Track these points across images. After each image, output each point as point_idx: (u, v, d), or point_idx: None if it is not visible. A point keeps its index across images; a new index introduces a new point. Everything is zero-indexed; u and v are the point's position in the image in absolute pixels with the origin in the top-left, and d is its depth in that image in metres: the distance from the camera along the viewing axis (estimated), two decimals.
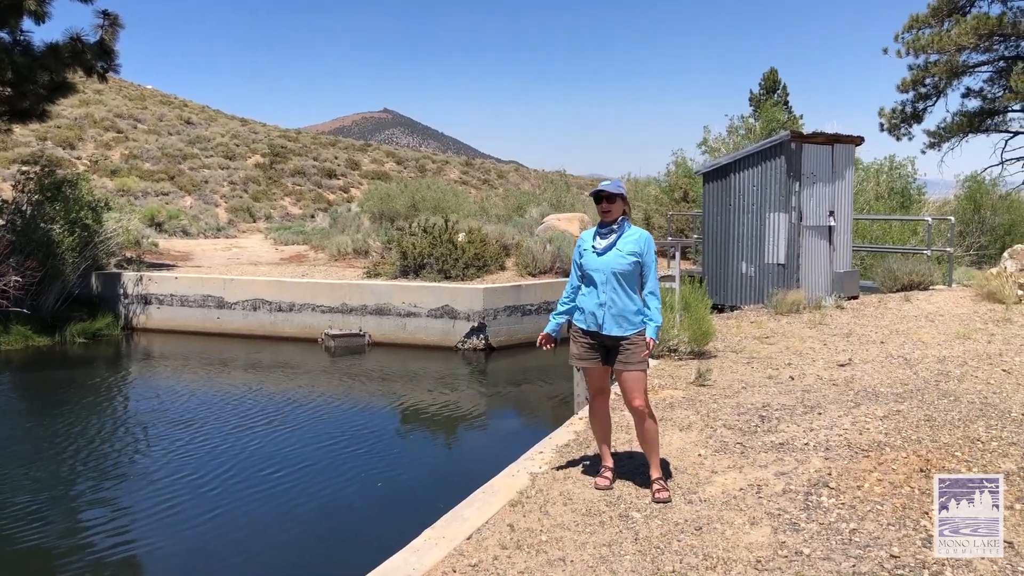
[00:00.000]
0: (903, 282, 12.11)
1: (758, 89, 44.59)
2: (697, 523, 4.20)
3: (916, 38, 29.61)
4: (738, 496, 4.51)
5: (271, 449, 8.94)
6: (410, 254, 15.17)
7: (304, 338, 14.80)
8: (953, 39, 28.07)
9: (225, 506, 7.33)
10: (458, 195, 27.19)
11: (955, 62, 29.13)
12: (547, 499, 4.60)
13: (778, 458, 5.03)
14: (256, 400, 11.14)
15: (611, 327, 4.57)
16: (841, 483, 4.56)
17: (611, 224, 4.63)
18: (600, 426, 4.88)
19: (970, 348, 7.75)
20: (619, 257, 4.55)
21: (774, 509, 4.30)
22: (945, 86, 30.61)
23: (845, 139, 10.98)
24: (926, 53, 29.57)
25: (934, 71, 29.82)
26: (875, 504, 4.26)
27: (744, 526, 4.13)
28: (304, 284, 15.07)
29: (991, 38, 28.42)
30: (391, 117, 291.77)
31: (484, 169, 71.59)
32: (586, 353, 4.73)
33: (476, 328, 13.93)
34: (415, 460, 8.77)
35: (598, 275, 4.58)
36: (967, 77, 30.17)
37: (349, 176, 51.62)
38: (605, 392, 4.85)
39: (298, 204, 42.20)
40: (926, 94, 31.48)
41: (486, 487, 4.80)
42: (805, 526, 4.07)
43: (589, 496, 4.63)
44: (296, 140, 55.95)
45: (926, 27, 29.87)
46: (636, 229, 4.71)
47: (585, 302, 4.69)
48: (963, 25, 28.01)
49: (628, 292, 4.57)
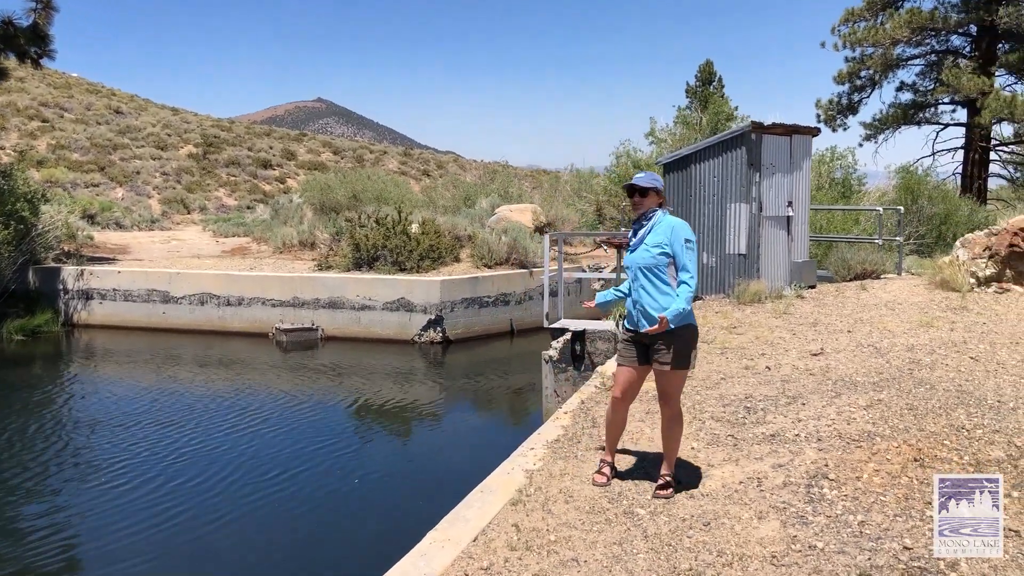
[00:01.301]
0: (856, 271, 12.33)
1: (695, 81, 45.18)
2: (704, 518, 4.14)
3: (852, 31, 30.23)
4: (739, 490, 4.48)
5: (224, 449, 8.68)
6: (363, 246, 14.90)
7: (254, 333, 14.45)
8: (888, 33, 28.73)
9: (177, 512, 7.06)
10: (399, 186, 26.89)
11: (889, 55, 29.81)
12: (548, 497, 4.50)
13: (772, 450, 5.01)
14: (206, 398, 10.82)
15: (644, 324, 4.44)
16: (840, 474, 4.55)
17: (640, 219, 4.52)
18: (615, 428, 4.74)
19: (935, 336, 7.89)
20: (644, 251, 4.44)
21: (778, 502, 4.27)
22: (880, 79, 31.33)
23: (803, 130, 11.09)
24: (862, 46, 30.21)
25: (869, 64, 30.49)
26: (878, 495, 4.26)
27: (752, 520, 4.09)
28: (254, 277, 14.69)
29: (923, 32, 29.17)
30: (325, 106, 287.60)
31: (423, 159, 71.08)
32: (626, 351, 4.59)
33: (433, 321, 13.76)
34: (381, 457, 8.60)
35: (631, 271, 4.49)
36: (901, 70, 30.94)
37: (285, 167, 50.69)
38: (630, 395, 4.68)
39: (233, 195, 41.28)
40: (861, 86, 32.18)
41: (483, 486, 4.67)
42: (813, 519, 4.05)
43: (589, 493, 4.54)
44: (230, 130, 54.72)
45: (861, 20, 30.49)
46: (667, 219, 4.51)
47: (627, 301, 4.61)
48: (897, 19, 28.70)
49: (657, 287, 4.41)
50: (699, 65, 45.75)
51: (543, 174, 46.50)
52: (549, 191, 26.25)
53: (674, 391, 4.58)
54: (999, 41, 28.62)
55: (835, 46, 30.57)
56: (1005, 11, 27.13)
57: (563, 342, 8.97)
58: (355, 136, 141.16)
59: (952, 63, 28.84)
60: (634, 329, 4.53)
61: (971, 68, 27.53)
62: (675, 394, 4.59)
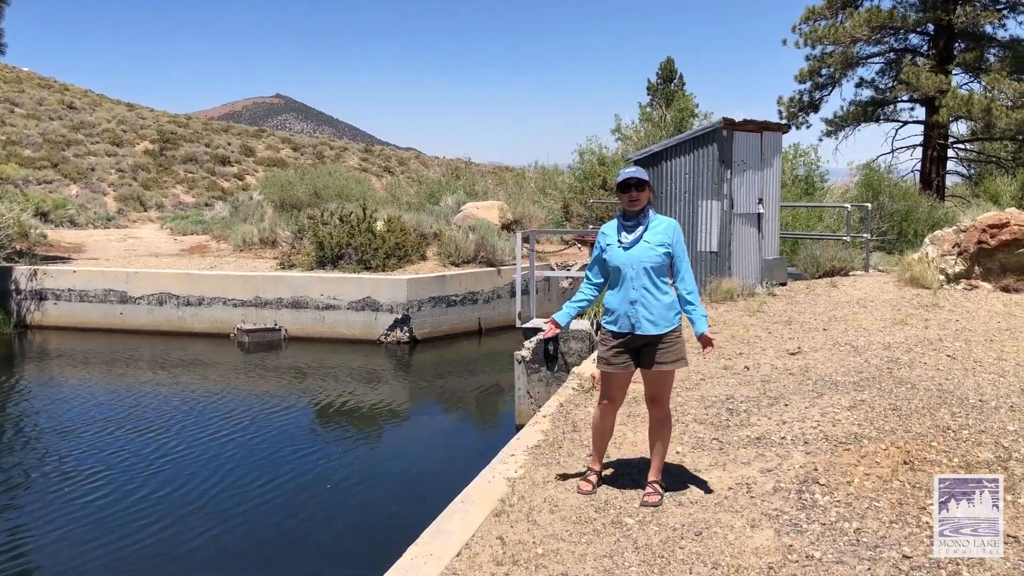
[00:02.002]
0: (825, 268, 12.34)
1: (656, 78, 45.40)
2: (695, 528, 4.00)
3: (813, 29, 30.43)
4: (729, 496, 4.34)
5: (185, 455, 8.40)
6: (327, 244, 14.59)
7: (215, 333, 14.08)
8: (848, 31, 28.96)
9: (136, 523, 6.78)
10: (361, 183, 26.55)
11: (850, 53, 30.08)
12: (532, 507, 4.32)
13: (759, 454, 4.89)
14: (166, 401, 10.50)
15: (646, 326, 4.25)
16: (830, 479, 4.44)
17: (636, 215, 4.33)
18: (602, 434, 4.57)
19: (911, 334, 7.86)
20: (648, 250, 4.24)
21: (770, 509, 4.14)
22: (840, 76, 31.61)
23: (773, 127, 11.05)
24: (822, 44, 30.43)
25: (830, 62, 30.75)
26: (871, 500, 4.16)
27: (745, 529, 3.95)
28: (214, 277, 14.32)
29: (882, 31, 29.49)
30: (284, 102, 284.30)
31: (385, 156, 70.56)
32: (614, 357, 4.36)
33: (400, 320, 13.51)
34: (351, 462, 8.35)
35: (627, 271, 4.25)
36: (860, 68, 31.24)
37: (244, 163, 49.94)
38: (618, 401, 4.52)
39: (191, 192, 40.54)
40: (822, 84, 32.43)
41: (464, 496, 4.48)
42: (807, 527, 3.92)
43: (575, 502, 4.38)
44: (187, 126, 53.74)
45: (822, 19, 30.71)
46: (662, 218, 4.38)
47: (613, 302, 4.35)
48: (857, 18, 28.96)
49: (661, 287, 4.26)
50: (660, 63, 46.05)
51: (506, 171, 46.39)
52: (514, 188, 26.09)
53: (668, 392, 4.44)
54: (956, 40, 29.02)
55: (796, 44, 30.75)
56: (962, 11, 27.54)
57: (536, 342, 8.80)
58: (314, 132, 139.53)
59: (910, 62, 29.18)
60: (628, 332, 4.33)
61: (929, 67, 27.86)
62: (668, 395, 4.45)
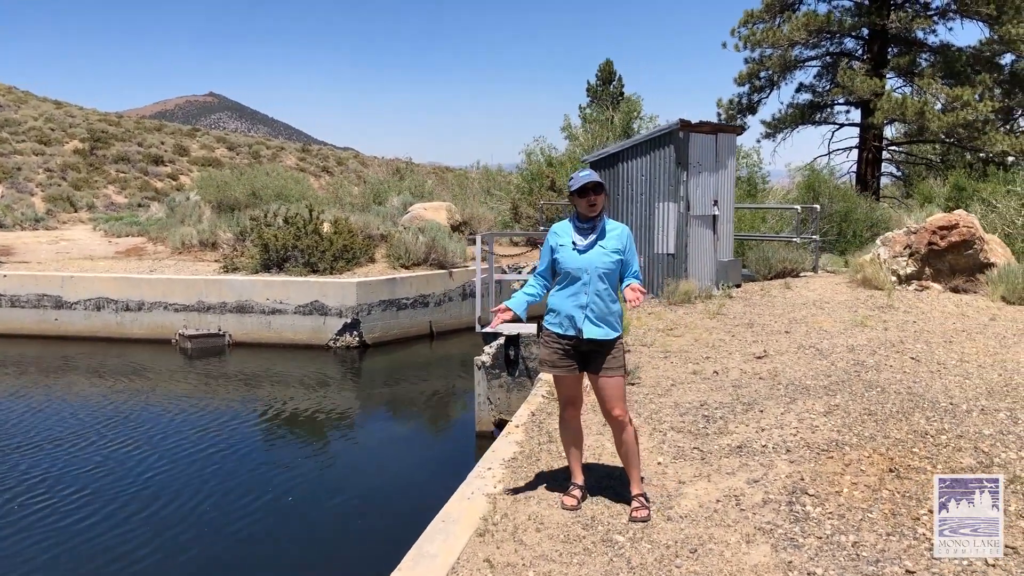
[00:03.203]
0: (777, 269, 12.41)
1: (595, 80, 45.74)
2: (689, 544, 3.85)
3: (751, 32, 30.85)
4: (719, 510, 4.21)
5: (127, 469, 7.98)
6: (273, 246, 14.16)
7: (156, 339, 13.56)
8: (786, 34, 29.44)
9: (71, 542, 6.39)
10: (300, 182, 26.09)
11: (787, 57, 30.57)
12: (516, 525, 4.13)
13: (742, 463, 4.78)
14: (105, 411, 10.02)
15: (592, 330, 4.15)
16: (819, 489, 4.35)
17: (592, 219, 4.18)
18: (572, 440, 4.44)
19: (872, 337, 7.88)
20: (603, 255, 4.14)
21: (763, 523, 4.02)
22: (778, 79, 32.13)
23: (728, 128, 11.06)
24: (761, 47, 30.87)
25: (768, 65, 31.22)
26: (863, 512, 4.07)
27: (740, 545, 3.82)
28: (154, 280, 13.78)
29: (819, 34, 30.05)
30: (218, 101, 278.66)
31: (323, 156, 69.66)
32: (560, 360, 4.27)
33: (349, 324, 13.18)
34: (306, 475, 8.03)
35: (581, 275, 4.14)
36: (798, 71, 31.79)
37: (178, 163, 48.71)
38: (578, 402, 4.42)
39: (123, 193, 39.33)
40: (761, 87, 32.91)
41: (444, 515, 4.26)
42: (804, 541, 3.81)
43: (560, 519, 4.20)
44: (118, 124, 52.17)
45: (760, 22, 31.16)
46: (615, 223, 4.29)
47: (561, 303, 4.23)
48: (794, 22, 29.45)
49: (611, 293, 4.19)
50: (599, 64, 46.43)
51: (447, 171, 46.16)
52: (458, 189, 25.86)
53: (621, 397, 4.28)
54: (890, 45, 29.72)
55: (736, 47, 31.13)
56: (896, 16, 28.22)
57: (496, 347, 8.61)
58: (250, 131, 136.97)
59: (847, 65, 29.79)
60: (574, 336, 4.21)
61: (864, 70, 28.48)
62: (622, 400, 4.29)
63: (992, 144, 26.07)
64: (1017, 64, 27.04)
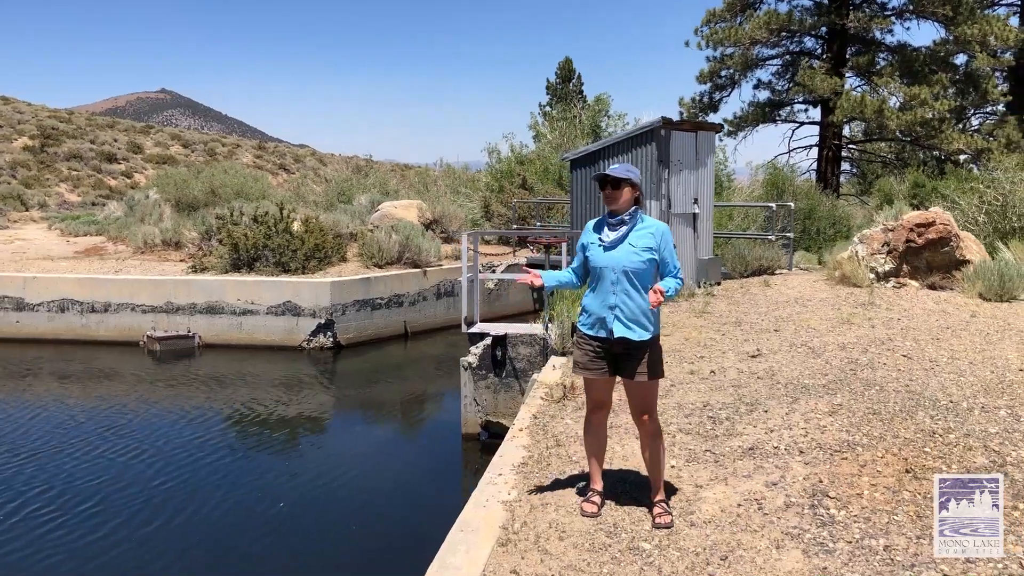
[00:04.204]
0: (753, 267, 12.46)
1: (555, 78, 45.85)
2: (718, 551, 3.78)
3: (713, 31, 31.08)
4: (742, 514, 4.15)
5: (98, 476, 7.72)
6: (243, 245, 13.85)
7: (123, 341, 13.20)
8: (747, 33, 29.70)
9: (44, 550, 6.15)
10: (259, 180, 25.73)
11: (749, 55, 30.85)
12: (538, 534, 4.02)
13: (757, 466, 4.72)
14: (70, 416, 9.72)
15: (622, 330, 4.02)
16: (840, 492, 4.31)
17: (621, 214, 4.07)
18: (595, 445, 4.33)
19: (861, 334, 7.91)
20: (632, 253, 4.01)
21: (790, 528, 3.96)
22: (739, 78, 32.41)
23: (707, 127, 11.06)
24: (723, 46, 31.09)
25: (730, 64, 31.46)
26: (889, 514, 4.03)
27: (770, 551, 3.75)
28: (121, 281, 13.40)
29: (780, 33, 30.35)
30: (170, 98, 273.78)
31: (279, 153, 68.89)
32: (591, 362, 4.14)
33: (323, 325, 12.95)
34: (290, 480, 7.83)
35: (607, 273, 4.02)
36: (759, 70, 32.11)
37: (132, 160, 47.74)
38: (606, 407, 4.31)
39: (76, 191, 38.48)
40: (722, 85, 33.17)
41: (462, 523, 4.14)
42: (834, 546, 3.76)
43: (582, 526, 4.10)
44: (69, 121, 50.99)
45: (722, 21, 31.39)
46: (652, 220, 4.16)
47: (591, 304, 4.12)
48: (756, 20, 29.73)
49: (642, 293, 4.03)
50: (559, 62, 46.54)
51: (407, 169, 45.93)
52: (422, 187, 25.65)
53: (654, 403, 4.21)
54: (849, 44, 30.13)
55: (698, 45, 31.33)
56: (854, 16, 28.60)
57: (483, 347, 8.49)
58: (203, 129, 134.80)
59: (807, 64, 30.14)
60: (605, 337, 4.10)
61: (824, 69, 28.82)
62: (655, 407, 4.22)
63: (948, 142, 26.58)
64: (971, 64, 27.59)
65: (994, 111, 30.96)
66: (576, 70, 45.48)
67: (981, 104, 29.85)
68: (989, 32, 25.83)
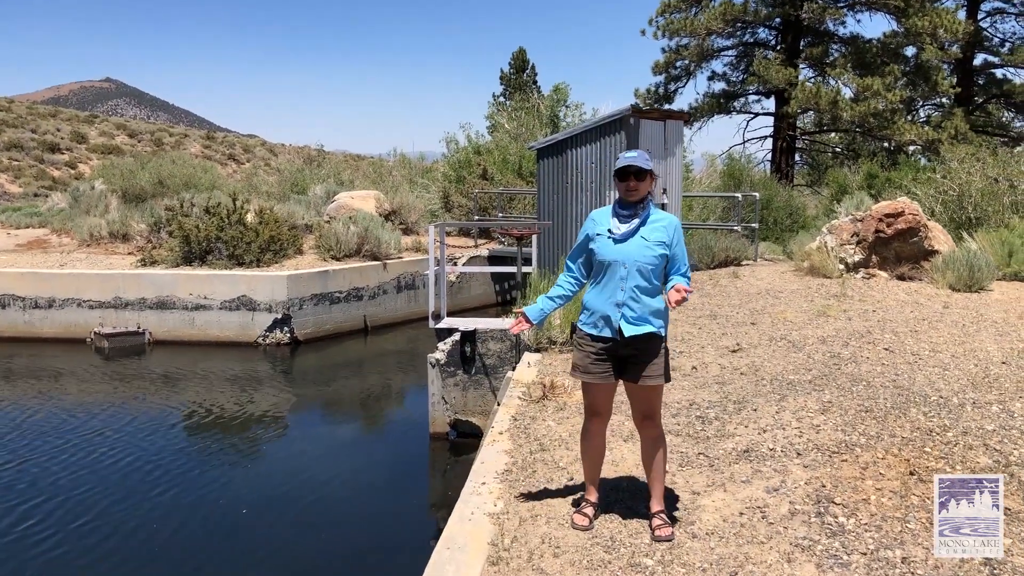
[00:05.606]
0: (720, 258, 12.31)
1: (508, 68, 45.54)
2: (725, 566, 3.52)
3: (669, 22, 31.01)
4: (745, 524, 3.91)
5: (44, 481, 7.26)
6: (194, 238, 13.30)
7: (70, 338, 12.61)
8: (703, 23, 29.67)
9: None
10: (208, 171, 25.11)
11: (704, 46, 30.85)
12: (531, 550, 3.73)
13: (755, 470, 4.49)
14: (15, 417, 9.18)
15: (630, 329, 3.72)
16: (845, 497, 4.09)
17: (635, 205, 3.78)
18: (592, 454, 4.04)
19: (839, 327, 7.76)
20: (645, 248, 3.70)
21: (798, 538, 3.72)
22: (695, 69, 32.42)
23: (676, 115, 10.85)
24: (678, 36, 31.02)
25: (685, 54, 31.41)
26: (901, 522, 3.82)
27: (782, 564, 3.51)
28: (66, 276, 12.78)
29: (735, 24, 30.39)
30: (115, 87, 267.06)
31: (228, 143, 67.58)
32: (594, 365, 3.82)
33: (280, 320, 12.50)
34: (250, 483, 7.44)
35: (618, 268, 3.70)
36: (714, 61, 32.14)
37: (76, 151, 46.34)
38: (606, 415, 4.01)
39: (17, 182, 37.19)
40: (677, 76, 33.17)
41: (447, 540, 3.82)
42: (849, 558, 3.53)
43: (576, 541, 3.82)
44: (9, 110, 49.32)
45: (677, 11, 31.32)
46: (663, 213, 3.86)
47: (595, 301, 3.80)
48: (711, 11, 29.73)
49: (652, 290, 3.74)
50: (512, 53, 46.28)
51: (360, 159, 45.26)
52: (376, 177, 25.16)
53: (658, 407, 3.94)
54: (803, 35, 30.28)
55: (654, 35, 31.25)
56: (808, 7, 28.72)
57: (451, 343, 8.17)
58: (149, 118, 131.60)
59: (761, 55, 30.21)
60: (610, 337, 3.80)
61: (778, 61, 28.91)
62: (659, 411, 3.96)
63: (900, 133, 26.84)
64: (920, 56, 27.87)
65: (942, 103, 31.41)
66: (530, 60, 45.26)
67: (931, 96, 30.22)
68: (939, 24, 26.09)
